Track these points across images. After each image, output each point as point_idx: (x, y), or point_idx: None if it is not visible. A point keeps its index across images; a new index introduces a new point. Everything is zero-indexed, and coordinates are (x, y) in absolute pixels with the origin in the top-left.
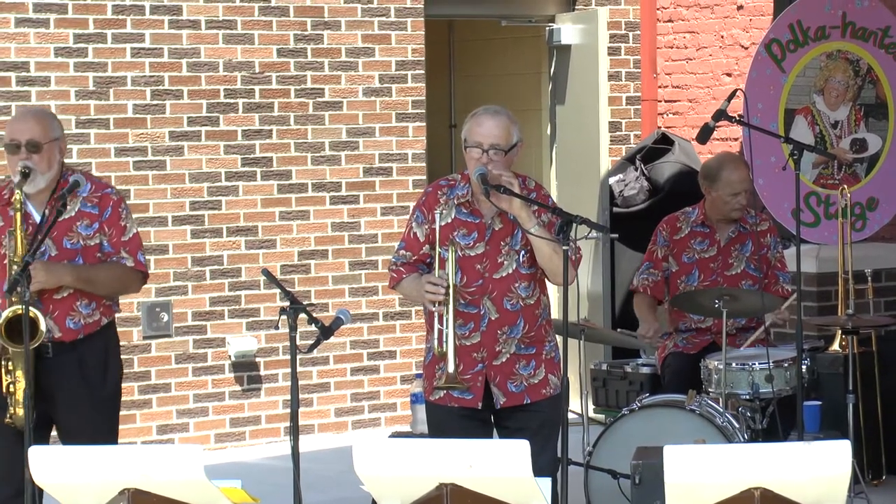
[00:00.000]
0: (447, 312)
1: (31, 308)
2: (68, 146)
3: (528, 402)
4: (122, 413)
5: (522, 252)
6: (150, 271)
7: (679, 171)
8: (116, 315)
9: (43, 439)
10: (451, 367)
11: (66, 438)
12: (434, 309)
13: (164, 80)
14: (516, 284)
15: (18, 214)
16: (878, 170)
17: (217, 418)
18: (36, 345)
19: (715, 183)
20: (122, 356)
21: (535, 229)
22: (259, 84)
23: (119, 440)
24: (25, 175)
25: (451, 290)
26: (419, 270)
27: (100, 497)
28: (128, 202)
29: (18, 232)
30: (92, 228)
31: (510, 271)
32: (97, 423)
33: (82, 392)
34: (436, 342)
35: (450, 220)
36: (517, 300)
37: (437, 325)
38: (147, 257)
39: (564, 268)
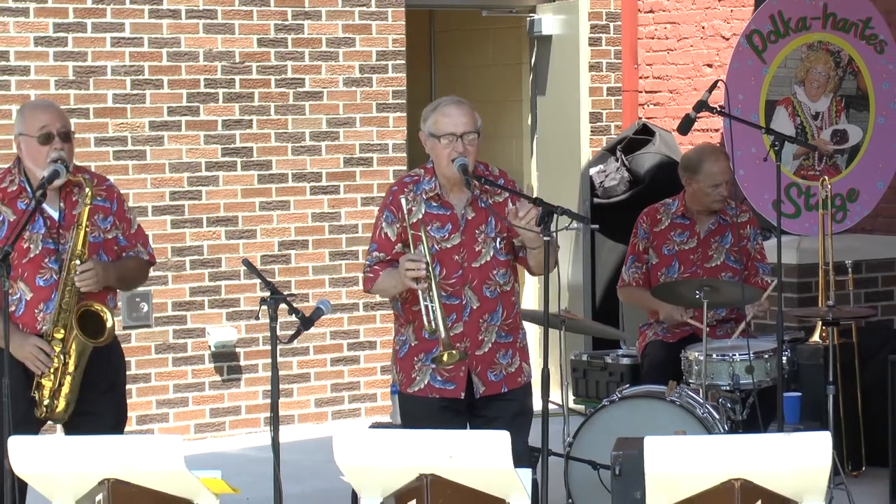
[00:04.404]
0: (431, 288)
1: (102, 307)
2: None
3: (506, 390)
4: None
5: (498, 239)
6: None
7: (660, 162)
8: None
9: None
10: (443, 334)
11: (83, 425)
12: (416, 286)
13: (144, 69)
14: (494, 272)
15: (87, 209)
16: (859, 161)
17: (197, 409)
18: (108, 341)
19: (695, 175)
20: None
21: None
22: (239, 74)
23: None
24: (66, 167)
25: (430, 268)
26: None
27: (80, 487)
28: None
29: (82, 228)
30: (108, 222)
31: (488, 259)
32: (115, 404)
33: (103, 379)
34: (425, 319)
35: (420, 216)
36: (495, 287)
37: (422, 302)
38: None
39: (546, 259)
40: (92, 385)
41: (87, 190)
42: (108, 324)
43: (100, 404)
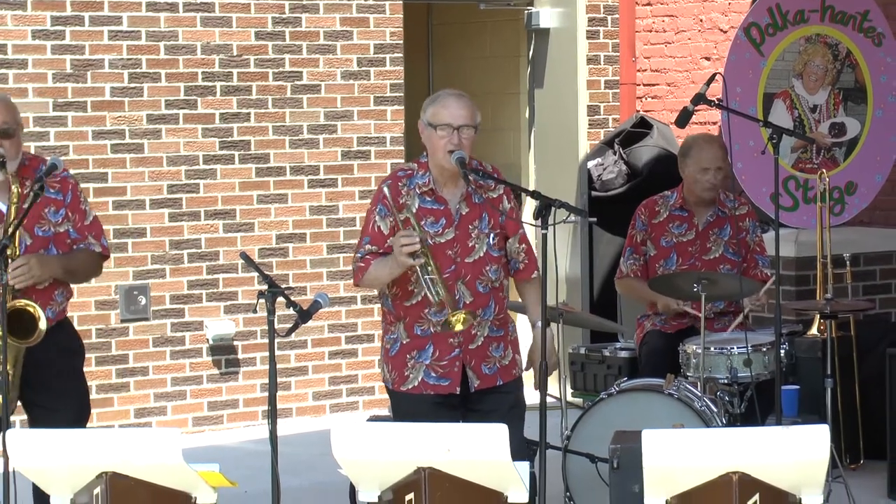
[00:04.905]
0: (429, 262)
1: (33, 304)
2: (46, 129)
3: (501, 383)
4: (99, 397)
5: (492, 235)
6: (128, 255)
7: (657, 155)
8: (94, 299)
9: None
10: (449, 300)
11: (42, 420)
12: (413, 262)
13: (141, 62)
14: (487, 268)
15: (13, 208)
16: (857, 154)
17: (195, 402)
18: (37, 341)
19: (686, 159)
20: (100, 339)
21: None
22: (237, 67)
23: (96, 424)
24: (2, 164)
25: (424, 242)
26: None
27: (77, 480)
28: (105, 185)
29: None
30: (59, 214)
31: (481, 254)
32: (73, 398)
33: (55, 373)
34: (428, 293)
35: (414, 211)
36: (488, 282)
37: (421, 277)
38: (111, 240)
39: (543, 253)
40: (43, 380)
41: (14, 189)
42: (41, 324)
43: (56, 399)
